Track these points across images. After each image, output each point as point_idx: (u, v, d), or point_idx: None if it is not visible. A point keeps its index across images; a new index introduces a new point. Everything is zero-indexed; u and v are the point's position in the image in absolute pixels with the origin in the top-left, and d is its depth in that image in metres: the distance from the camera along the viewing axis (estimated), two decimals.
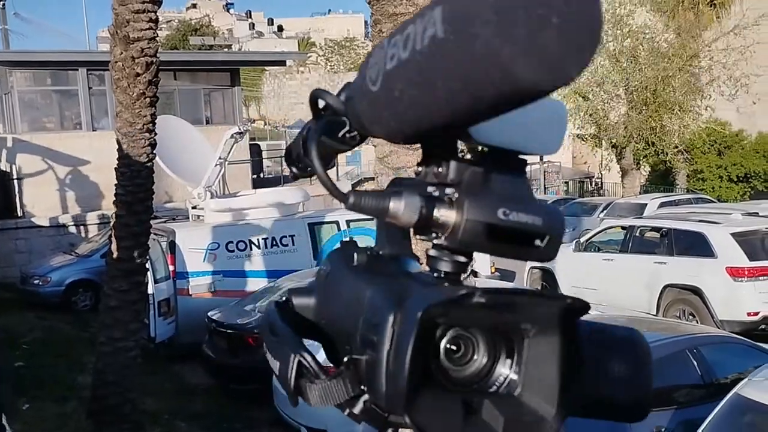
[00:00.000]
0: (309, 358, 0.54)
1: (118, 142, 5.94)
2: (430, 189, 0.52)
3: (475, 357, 0.51)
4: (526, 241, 0.49)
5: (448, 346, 0.50)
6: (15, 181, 13.89)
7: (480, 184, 0.51)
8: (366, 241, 0.59)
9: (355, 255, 0.59)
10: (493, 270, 10.92)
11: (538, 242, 0.49)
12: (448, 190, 0.51)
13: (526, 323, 0.50)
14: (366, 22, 49.64)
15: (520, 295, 0.49)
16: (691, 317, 8.57)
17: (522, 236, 0.49)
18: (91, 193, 13.92)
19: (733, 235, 8.39)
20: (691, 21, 18.37)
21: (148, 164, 5.98)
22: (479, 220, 0.49)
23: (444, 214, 0.50)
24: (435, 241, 0.51)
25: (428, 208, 0.50)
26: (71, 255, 11.67)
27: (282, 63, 23.27)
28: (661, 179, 23.40)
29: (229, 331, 7.14)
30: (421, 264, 0.60)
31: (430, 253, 0.53)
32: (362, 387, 0.50)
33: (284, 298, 0.64)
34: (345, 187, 0.59)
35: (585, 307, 0.50)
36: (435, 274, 0.53)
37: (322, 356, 0.59)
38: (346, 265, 0.59)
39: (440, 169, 0.52)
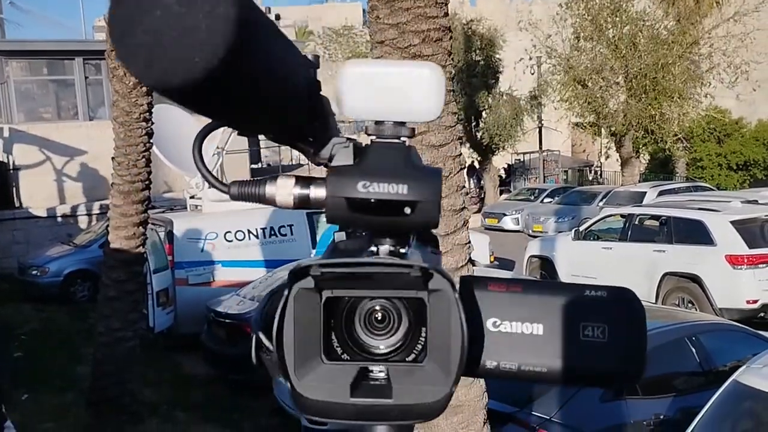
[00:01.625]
0: (262, 335, 0.58)
1: (115, 132, 5.90)
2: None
3: (399, 327, 0.54)
4: (392, 211, 0.51)
5: (376, 315, 0.53)
6: (12, 172, 13.84)
7: (348, 160, 0.53)
8: None
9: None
10: (492, 259, 10.92)
11: (407, 210, 0.51)
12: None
13: (421, 292, 0.52)
14: (364, 10, 49.33)
15: (370, 265, 0.50)
16: (690, 305, 8.58)
17: (387, 206, 0.51)
18: (89, 184, 13.87)
19: (733, 222, 8.38)
20: (690, 7, 18.26)
21: (146, 154, 5.95)
22: (339, 196, 0.51)
23: (317, 193, 0.53)
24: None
25: (302, 188, 0.54)
26: (69, 245, 11.65)
27: None
28: (661, 167, 23.39)
29: (227, 320, 7.13)
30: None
31: None
32: None
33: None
34: None
35: (428, 273, 0.49)
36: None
37: None
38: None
39: (322, 150, 0.54)
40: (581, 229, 10.57)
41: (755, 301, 8.12)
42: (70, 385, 7.03)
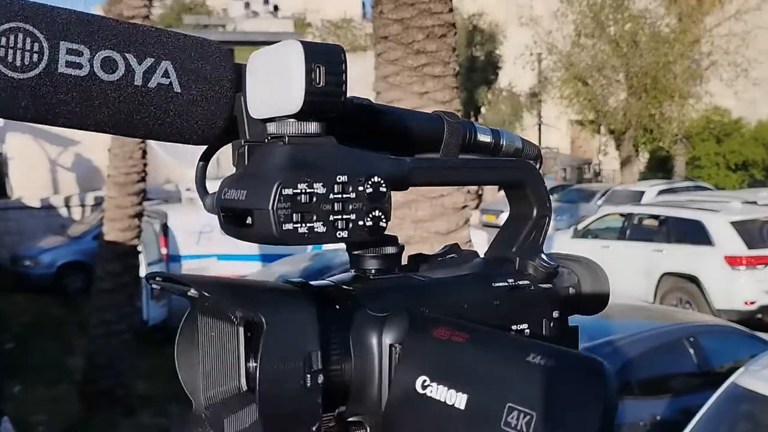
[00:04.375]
0: None
1: None
2: None
3: None
4: (240, 221, 0.45)
5: None
6: (5, 162, 13.73)
7: (237, 165, 0.48)
8: None
9: None
10: None
11: (249, 220, 0.44)
12: None
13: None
14: (363, 2, 49.10)
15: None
16: (687, 305, 8.56)
17: (235, 215, 0.46)
18: (83, 174, 13.77)
19: (732, 223, 8.36)
20: (692, 5, 18.21)
21: (141, 145, 5.89)
22: (214, 203, 0.48)
23: None
24: None
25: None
26: (62, 236, 11.57)
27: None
28: (660, 166, 23.38)
29: None
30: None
31: None
32: None
33: None
34: None
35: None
36: None
37: None
38: None
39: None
40: (579, 227, 10.55)
41: (753, 303, 8.11)
42: (62, 377, 7.00)
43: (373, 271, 0.50)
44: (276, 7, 54.04)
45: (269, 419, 0.40)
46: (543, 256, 0.55)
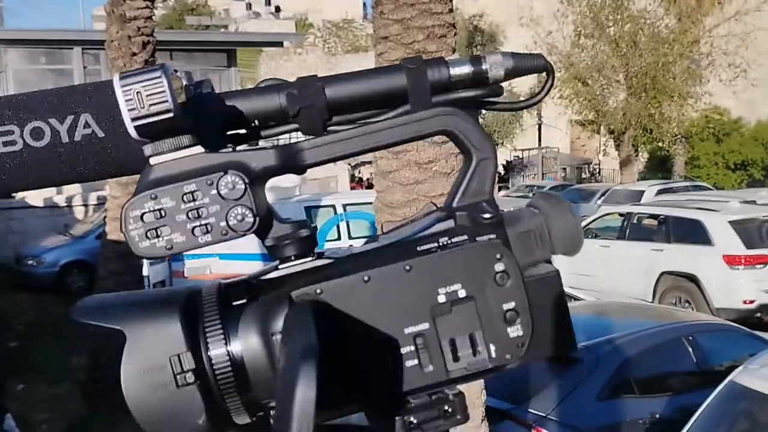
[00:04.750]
0: None
1: None
2: None
3: None
4: None
5: None
6: None
7: None
8: (362, 225, 0.56)
9: None
10: None
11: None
12: None
13: None
14: (365, 3, 49.14)
15: None
16: (687, 304, 8.59)
17: None
18: None
19: (731, 222, 8.39)
20: (692, 6, 18.25)
21: None
22: None
23: None
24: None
25: None
26: (65, 236, 11.61)
27: (279, 44, 23.08)
28: (659, 166, 23.40)
29: None
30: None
31: None
32: None
33: None
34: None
35: None
36: None
37: None
38: None
39: None
40: None
41: (752, 302, 8.14)
42: (65, 375, 7.02)
43: (292, 258, 0.52)
44: (278, 8, 54.03)
45: (145, 424, 0.45)
46: (485, 204, 0.51)
